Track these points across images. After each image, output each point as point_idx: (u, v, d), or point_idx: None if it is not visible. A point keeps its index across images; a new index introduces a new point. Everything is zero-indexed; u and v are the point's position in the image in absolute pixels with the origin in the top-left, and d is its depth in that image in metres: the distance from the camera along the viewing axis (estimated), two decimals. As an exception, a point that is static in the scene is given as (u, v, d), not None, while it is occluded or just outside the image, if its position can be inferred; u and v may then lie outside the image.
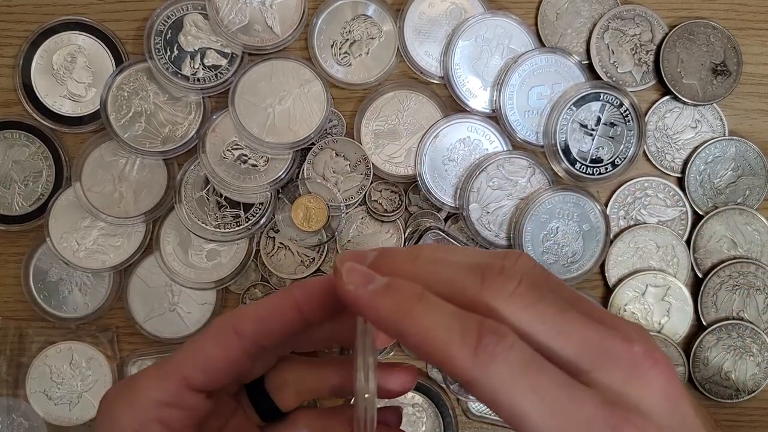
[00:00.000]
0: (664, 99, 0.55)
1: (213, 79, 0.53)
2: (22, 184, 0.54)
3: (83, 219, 0.54)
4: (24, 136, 0.54)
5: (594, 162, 0.54)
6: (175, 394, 0.31)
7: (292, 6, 0.54)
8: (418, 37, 0.55)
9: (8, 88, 0.55)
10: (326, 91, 0.53)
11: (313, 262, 0.54)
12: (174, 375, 0.31)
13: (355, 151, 0.54)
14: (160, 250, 0.54)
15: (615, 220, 0.55)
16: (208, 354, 0.31)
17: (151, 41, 0.53)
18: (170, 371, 0.31)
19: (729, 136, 0.55)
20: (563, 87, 0.54)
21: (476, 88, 0.54)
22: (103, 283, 0.55)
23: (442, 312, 0.25)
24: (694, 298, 0.55)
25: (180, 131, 0.54)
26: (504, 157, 0.54)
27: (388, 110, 0.55)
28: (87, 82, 0.54)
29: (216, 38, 0.54)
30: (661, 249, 0.55)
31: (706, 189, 0.55)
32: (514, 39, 0.55)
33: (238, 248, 0.54)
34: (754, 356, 0.54)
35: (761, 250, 0.55)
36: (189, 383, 0.31)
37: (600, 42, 0.55)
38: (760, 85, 0.56)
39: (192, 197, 0.54)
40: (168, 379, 0.31)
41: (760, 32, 0.56)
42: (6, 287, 0.55)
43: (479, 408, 0.55)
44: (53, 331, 0.54)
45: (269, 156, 0.53)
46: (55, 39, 0.54)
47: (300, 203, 0.54)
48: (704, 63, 0.55)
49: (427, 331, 0.25)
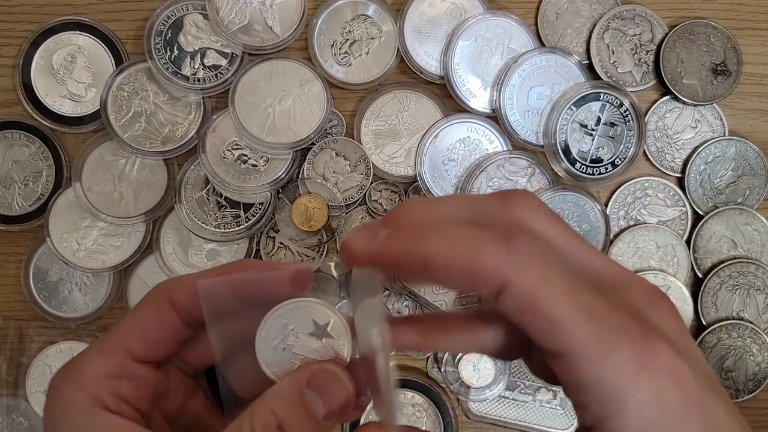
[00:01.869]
0: (664, 99, 0.55)
1: (213, 79, 0.54)
2: (22, 184, 0.54)
3: (83, 219, 0.54)
4: (24, 136, 0.54)
5: (594, 162, 0.54)
6: (121, 365, 0.30)
7: (292, 6, 0.54)
8: (418, 37, 0.55)
9: (8, 88, 0.55)
10: (326, 91, 0.53)
11: (313, 262, 0.54)
12: (116, 347, 0.30)
13: (355, 151, 0.54)
14: (160, 250, 0.54)
15: (615, 220, 0.55)
16: (147, 324, 0.31)
17: (151, 41, 0.53)
18: (112, 344, 0.31)
19: (729, 136, 0.55)
20: (563, 87, 0.54)
21: (476, 88, 0.54)
22: (103, 283, 0.55)
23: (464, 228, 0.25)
24: (694, 298, 0.55)
25: (180, 131, 0.54)
26: (504, 157, 0.54)
27: (388, 110, 0.55)
28: (87, 82, 0.54)
29: (216, 38, 0.54)
30: (661, 249, 0.55)
31: (706, 189, 0.55)
32: (514, 39, 0.55)
33: (238, 248, 0.54)
34: (754, 356, 0.54)
35: (761, 250, 0.55)
36: (132, 354, 0.30)
37: (600, 42, 0.55)
38: (760, 85, 0.56)
39: (192, 197, 0.54)
40: (111, 352, 0.30)
41: (760, 32, 0.56)
42: (6, 287, 0.55)
43: (479, 408, 0.55)
44: (53, 331, 0.54)
45: (269, 156, 0.53)
46: (55, 39, 0.54)
47: (300, 203, 0.54)
48: (704, 63, 0.55)
49: (453, 242, 0.24)
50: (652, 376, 0.23)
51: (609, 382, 0.23)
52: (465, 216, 0.26)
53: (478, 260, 0.24)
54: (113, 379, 0.30)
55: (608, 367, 0.23)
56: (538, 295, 0.23)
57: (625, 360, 0.23)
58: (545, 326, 0.24)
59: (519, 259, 0.23)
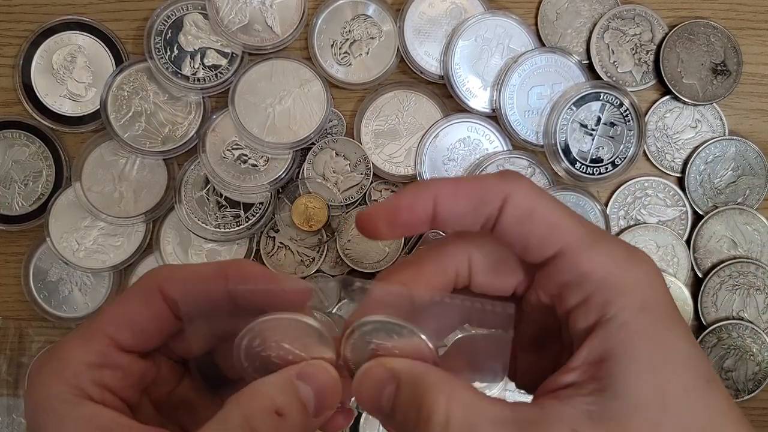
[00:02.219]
0: (664, 99, 0.55)
1: (213, 79, 0.53)
2: (22, 184, 0.54)
3: (83, 219, 0.54)
4: (24, 136, 0.54)
5: (594, 162, 0.54)
6: (104, 354, 0.29)
7: (292, 6, 0.54)
8: (418, 37, 0.54)
9: (8, 88, 0.55)
10: (326, 91, 0.53)
11: (313, 261, 0.54)
12: (100, 336, 0.30)
13: (355, 150, 0.54)
14: (160, 250, 0.54)
15: (615, 220, 0.55)
16: (134, 314, 0.30)
17: (151, 41, 0.53)
18: (95, 332, 0.30)
19: (729, 136, 0.55)
20: (563, 87, 0.54)
21: (476, 88, 0.54)
22: (103, 283, 0.55)
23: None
24: (694, 298, 0.55)
25: (180, 131, 0.54)
26: (504, 157, 0.54)
27: (388, 110, 0.55)
28: (87, 82, 0.54)
29: (216, 38, 0.54)
30: (661, 249, 0.55)
31: (706, 189, 0.55)
32: (514, 39, 0.55)
33: (238, 248, 0.54)
34: (754, 356, 0.54)
35: (761, 250, 0.55)
36: (117, 343, 0.30)
37: (600, 42, 0.55)
38: (760, 85, 0.56)
39: (192, 197, 0.54)
40: (94, 340, 0.29)
41: (760, 32, 0.56)
42: (6, 287, 0.55)
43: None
44: (53, 331, 0.54)
45: (269, 156, 0.53)
46: (55, 39, 0.54)
47: (300, 203, 0.54)
48: (704, 63, 0.55)
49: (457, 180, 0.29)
50: (639, 261, 0.28)
51: (606, 265, 0.27)
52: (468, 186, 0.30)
53: (481, 184, 0.28)
54: (96, 368, 0.29)
55: (603, 254, 0.27)
56: (535, 205, 0.28)
57: (615, 249, 0.28)
58: (544, 229, 0.28)
59: (515, 183, 0.28)
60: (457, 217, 0.29)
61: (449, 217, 0.29)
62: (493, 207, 0.28)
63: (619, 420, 0.25)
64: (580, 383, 0.26)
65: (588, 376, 0.26)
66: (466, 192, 0.28)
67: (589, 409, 0.25)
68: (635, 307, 0.26)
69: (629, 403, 0.25)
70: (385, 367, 0.28)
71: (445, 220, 0.29)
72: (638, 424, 0.25)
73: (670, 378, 0.26)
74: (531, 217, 0.28)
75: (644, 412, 0.25)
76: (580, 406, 0.26)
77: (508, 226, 0.28)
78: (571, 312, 0.28)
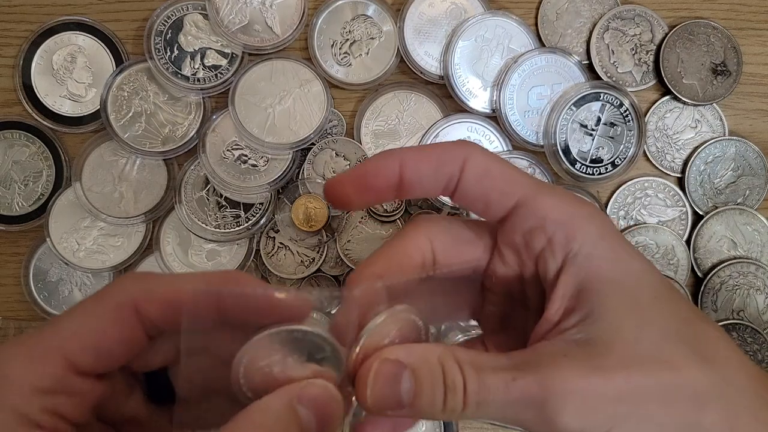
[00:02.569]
0: (664, 99, 0.55)
1: (213, 79, 0.54)
2: (22, 184, 0.54)
3: (83, 219, 0.54)
4: (24, 136, 0.54)
5: (594, 162, 0.54)
6: (59, 379, 0.25)
7: (292, 6, 0.54)
8: (418, 37, 0.54)
9: (8, 88, 0.55)
10: (326, 91, 0.53)
11: (313, 262, 0.54)
12: (56, 356, 0.25)
13: (355, 151, 0.54)
14: (160, 250, 0.54)
15: (615, 220, 0.55)
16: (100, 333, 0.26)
17: (151, 41, 0.53)
18: (50, 352, 0.25)
19: (729, 136, 0.55)
20: (563, 87, 0.54)
21: (476, 88, 0.54)
22: (103, 283, 0.55)
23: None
24: (694, 298, 0.55)
25: (180, 131, 0.54)
26: (504, 157, 0.54)
27: (388, 110, 0.55)
28: (87, 82, 0.54)
29: (216, 38, 0.54)
30: (661, 249, 0.55)
31: (706, 189, 0.55)
32: (514, 39, 0.55)
33: (238, 248, 0.54)
34: (754, 356, 0.54)
35: (761, 250, 0.55)
36: (75, 366, 0.26)
37: (600, 42, 0.55)
38: (760, 85, 0.56)
39: (192, 197, 0.54)
40: (48, 361, 0.25)
41: (760, 32, 0.56)
42: (6, 287, 0.55)
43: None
44: (53, 331, 0.54)
45: (269, 156, 0.53)
46: (55, 39, 0.54)
47: (300, 203, 0.54)
48: (704, 63, 0.55)
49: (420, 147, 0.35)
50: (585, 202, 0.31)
51: (561, 206, 0.30)
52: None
53: (441, 148, 0.31)
54: (49, 394, 0.25)
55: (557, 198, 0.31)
56: (491, 165, 0.31)
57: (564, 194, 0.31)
58: (502, 184, 0.31)
59: (471, 147, 0.31)
60: (422, 179, 0.31)
61: (414, 179, 0.31)
62: (454, 168, 0.31)
63: (604, 338, 0.27)
64: (562, 319, 0.29)
65: (568, 310, 0.29)
66: (429, 155, 0.31)
67: (575, 338, 0.28)
68: (595, 237, 0.30)
69: (610, 323, 0.28)
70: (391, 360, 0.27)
71: (411, 184, 0.31)
72: (621, 338, 0.27)
73: (641, 291, 0.29)
74: (489, 174, 0.31)
75: (625, 327, 0.28)
76: (567, 338, 0.28)
77: (470, 185, 0.31)
78: (540, 257, 0.31)
